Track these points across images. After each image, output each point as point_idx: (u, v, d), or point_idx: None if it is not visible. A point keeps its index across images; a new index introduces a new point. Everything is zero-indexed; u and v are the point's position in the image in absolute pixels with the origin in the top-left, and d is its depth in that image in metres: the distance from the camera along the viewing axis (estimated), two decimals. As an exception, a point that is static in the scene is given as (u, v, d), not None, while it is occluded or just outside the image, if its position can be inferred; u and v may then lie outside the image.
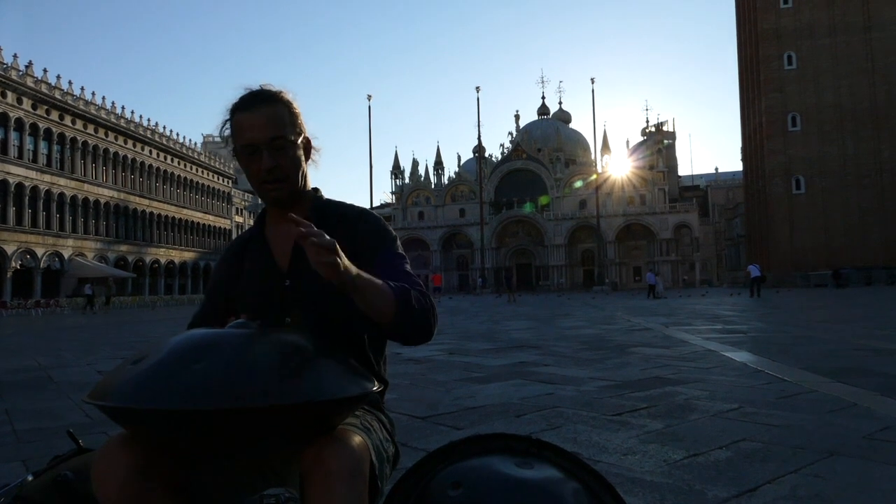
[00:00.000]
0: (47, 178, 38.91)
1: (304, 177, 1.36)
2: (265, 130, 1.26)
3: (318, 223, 1.34)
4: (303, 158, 1.34)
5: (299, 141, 1.31)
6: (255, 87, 1.32)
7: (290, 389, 0.86)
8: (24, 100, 37.07)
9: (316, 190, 1.42)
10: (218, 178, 62.49)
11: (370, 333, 1.29)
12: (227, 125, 1.31)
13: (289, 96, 1.33)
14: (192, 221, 56.80)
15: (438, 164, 79.70)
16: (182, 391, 0.83)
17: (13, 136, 36.49)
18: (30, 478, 1.26)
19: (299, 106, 1.34)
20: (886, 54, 48.15)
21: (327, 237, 1.03)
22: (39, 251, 38.11)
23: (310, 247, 1.01)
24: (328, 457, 0.91)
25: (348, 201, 1.44)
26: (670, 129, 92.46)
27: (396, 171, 79.70)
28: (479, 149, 67.39)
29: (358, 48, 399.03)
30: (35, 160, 38.10)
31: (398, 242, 1.39)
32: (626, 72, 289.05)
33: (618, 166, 72.93)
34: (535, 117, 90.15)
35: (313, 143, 1.38)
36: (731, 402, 3.47)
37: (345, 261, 1.06)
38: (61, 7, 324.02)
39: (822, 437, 2.64)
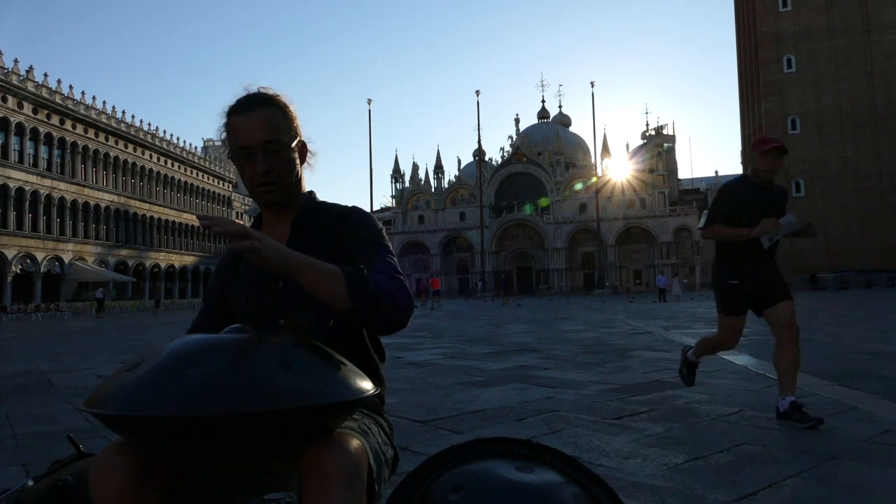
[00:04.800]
0: (48, 182, 38.94)
1: (299, 180, 1.37)
2: (260, 133, 1.26)
3: (310, 223, 1.35)
4: (298, 162, 1.35)
5: (294, 144, 1.32)
6: (253, 88, 1.33)
7: (288, 393, 0.86)
8: (25, 104, 37.13)
9: (311, 193, 1.43)
10: (218, 182, 62.57)
11: (353, 328, 1.29)
12: (224, 128, 1.32)
13: (285, 99, 1.33)
14: (193, 225, 56.82)
15: (438, 168, 79.75)
16: (178, 397, 0.83)
17: (13, 140, 36.53)
18: (30, 482, 1.26)
19: (296, 110, 1.35)
20: (885, 57, 48.25)
21: (236, 224, 1.03)
22: (40, 255, 38.11)
23: (219, 234, 1.01)
24: (326, 460, 0.91)
25: (347, 204, 1.44)
26: (670, 133, 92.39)
27: (396, 174, 79.75)
28: (479, 152, 67.46)
29: (358, 52, 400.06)
30: (35, 164, 38.13)
31: (384, 235, 1.37)
32: (626, 75, 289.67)
33: (618, 170, 72.97)
34: (535, 121, 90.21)
35: (309, 146, 1.39)
36: (731, 406, 3.47)
37: (271, 245, 1.04)
38: (61, 11, 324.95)
39: (823, 440, 2.64)
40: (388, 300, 1.17)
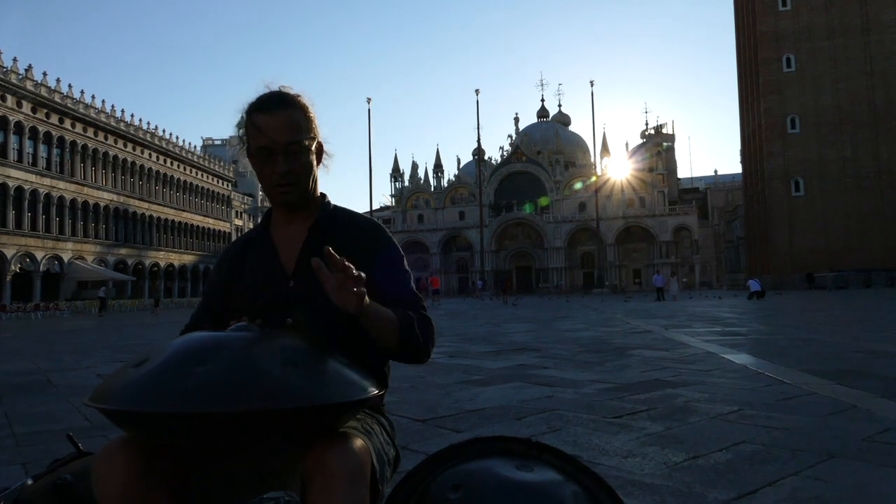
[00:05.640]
0: (47, 181, 38.90)
1: (315, 181, 1.37)
2: (282, 134, 1.26)
3: (327, 228, 1.35)
4: (315, 163, 1.35)
5: (313, 146, 1.32)
6: (275, 86, 1.33)
7: (293, 393, 0.86)
8: (24, 103, 37.08)
9: (323, 195, 1.43)
10: (217, 182, 62.49)
11: (374, 357, 1.31)
12: (243, 124, 1.31)
13: (306, 100, 1.33)
14: (192, 224, 56.77)
15: (438, 167, 79.77)
16: (184, 394, 0.83)
17: (13, 139, 36.48)
18: (29, 481, 1.26)
19: (315, 111, 1.35)
20: (885, 57, 48.21)
21: (358, 273, 1.09)
22: (39, 254, 38.09)
23: (339, 275, 1.08)
24: (330, 460, 0.91)
25: (349, 204, 1.45)
26: (670, 132, 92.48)
27: (396, 173, 79.76)
28: (478, 151, 67.41)
29: (357, 51, 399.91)
30: (35, 163, 38.09)
31: (404, 258, 1.44)
32: (626, 74, 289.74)
33: (617, 169, 73.03)
34: (535, 120, 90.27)
35: (325, 147, 1.39)
36: (730, 405, 3.47)
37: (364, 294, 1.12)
38: (61, 10, 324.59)
39: (822, 439, 2.64)
40: (424, 342, 1.28)
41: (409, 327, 1.24)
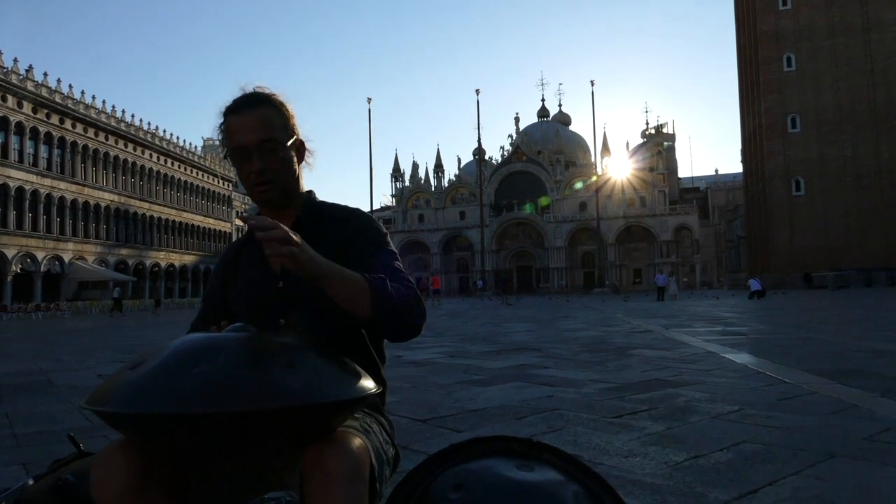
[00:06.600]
0: (47, 181, 38.93)
1: (297, 179, 1.36)
2: (255, 133, 1.27)
3: (311, 225, 1.35)
4: (295, 161, 1.35)
5: (290, 143, 1.32)
6: (250, 88, 1.33)
7: (290, 392, 0.86)
8: (25, 104, 37.10)
9: (310, 192, 1.43)
10: (218, 182, 62.54)
11: (354, 329, 1.29)
12: (220, 128, 1.32)
13: (281, 98, 1.33)
14: (193, 225, 56.80)
15: (438, 167, 79.74)
16: (180, 395, 0.83)
17: (13, 139, 36.51)
18: (30, 481, 1.26)
19: (294, 108, 1.35)
20: (885, 56, 48.20)
21: (281, 228, 1.03)
22: (40, 255, 38.12)
23: (262, 240, 1.02)
24: (328, 459, 0.91)
25: (348, 204, 1.44)
26: (670, 131, 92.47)
27: (396, 173, 79.74)
28: (479, 151, 67.42)
29: (358, 51, 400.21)
30: (35, 164, 38.12)
31: (389, 239, 1.39)
32: (626, 74, 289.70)
33: (618, 168, 72.99)
34: (535, 120, 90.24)
35: (307, 145, 1.39)
36: (731, 404, 3.46)
37: (308, 251, 1.06)
38: (61, 11, 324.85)
39: (823, 438, 2.64)
40: (406, 310, 1.21)
41: (382, 290, 1.17)
